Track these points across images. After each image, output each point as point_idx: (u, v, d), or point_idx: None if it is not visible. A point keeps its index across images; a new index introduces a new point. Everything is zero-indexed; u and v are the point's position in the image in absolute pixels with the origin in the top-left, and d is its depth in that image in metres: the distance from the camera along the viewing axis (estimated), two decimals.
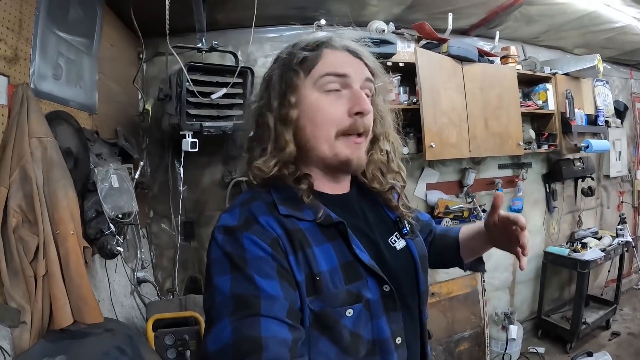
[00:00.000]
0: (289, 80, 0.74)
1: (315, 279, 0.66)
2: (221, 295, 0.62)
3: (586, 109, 3.22)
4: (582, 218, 3.55)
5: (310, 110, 0.73)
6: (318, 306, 0.65)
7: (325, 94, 0.73)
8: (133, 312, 2.16)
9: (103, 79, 2.04)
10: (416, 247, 0.82)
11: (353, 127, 0.73)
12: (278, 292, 0.61)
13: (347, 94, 0.74)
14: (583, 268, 2.92)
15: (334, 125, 0.73)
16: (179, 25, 2.23)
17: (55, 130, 1.48)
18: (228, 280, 0.62)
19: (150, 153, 2.48)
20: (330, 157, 0.74)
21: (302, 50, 0.75)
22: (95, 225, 1.71)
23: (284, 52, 0.79)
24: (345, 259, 0.70)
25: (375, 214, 0.83)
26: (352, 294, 0.67)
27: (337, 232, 0.71)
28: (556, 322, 3.15)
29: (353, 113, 0.73)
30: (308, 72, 0.74)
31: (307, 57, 0.74)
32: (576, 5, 2.56)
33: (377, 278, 0.71)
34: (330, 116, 0.73)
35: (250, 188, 0.80)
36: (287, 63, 0.76)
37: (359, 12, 2.50)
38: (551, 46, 3.40)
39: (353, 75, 0.74)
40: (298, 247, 0.67)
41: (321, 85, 0.73)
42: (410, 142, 2.46)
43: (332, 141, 0.73)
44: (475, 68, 2.57)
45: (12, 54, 1.34)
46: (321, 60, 0.74)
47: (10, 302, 1.19)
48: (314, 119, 0.73)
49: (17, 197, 1.24)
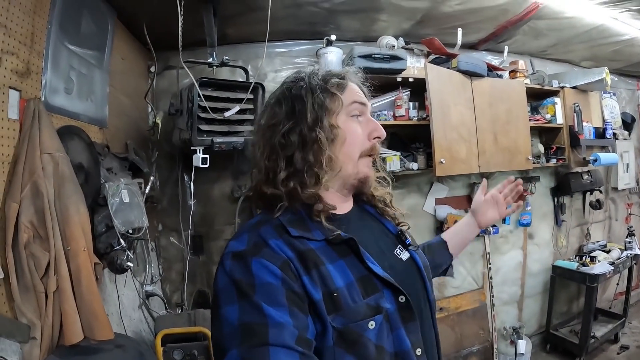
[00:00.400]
0: (328, 103, 0.79)
1: (333, 295, 0.66)
2: (229, 326, 0.62)
3: (594, 121, 3.21)
4: (590, 231, 3.52)
5: (343, 133, 0.79)
6: (340, 322, 0.65)
7: (351, 118, 0.81)
8: (141, 325, 2.16)
9: (114, 93, 2.05)
10: (420, 257, 0.86)
11: (373, 149, 0.83)
12: (287, 319, 0.61)
13: (364, 120, 0.83)
14: (592, 282, 2.90)
15: (359, 147, 0.81)
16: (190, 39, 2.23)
17: (67, 144, 1.48)
18: (235, 310, 0.62)
19: (159, 167, 2.49)
20: (352, 175, 0.80)
21: (335, 77, 0.82)
22: (105, 240, 1.71)
23: (310, 77, 0.82)
24: (360, 274, 0.71)
25: (378, 228, 0.87)
26: (371, 306, 0.68)
27: (349, 249, 0.73)
28: (565, 336, 3.12)
29: (372, 137, 0.82)
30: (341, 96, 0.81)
31: (339, 84, 0.81)
32: (584, 19, 2.57)
33: (392, 289, 0.72)
34: (357, 138, 0.81)
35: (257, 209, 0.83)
36: (322, 86, 0.80)
37: (368, 28, 2.51)
38: (559, 59, 3.40)
39: (368, 106, 0.86)
40: (312, 267, 0.67)
41: (349, 111, 0.81)
42: (420, 158, 2.46)
43: (356, 161, 0.80)
44: (484, 83, 2.58)
45: (24, 68, 1.34)
46: (347, 88, 0.83)
47: (21, 318, 1.19)
48: (345, 141, 0.79)
49: (29, 213, 1.24)
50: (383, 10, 2.29)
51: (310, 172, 0.75)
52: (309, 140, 0.76)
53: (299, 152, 0.76)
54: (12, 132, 1.28)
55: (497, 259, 3.02)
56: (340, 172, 0.79)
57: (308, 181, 0.75)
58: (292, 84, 0.82)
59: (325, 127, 0.77)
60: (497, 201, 1.18)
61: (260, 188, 0.79)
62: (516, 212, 1.25)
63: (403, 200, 2.77)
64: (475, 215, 1.18)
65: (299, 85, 0.81)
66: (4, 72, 1.25)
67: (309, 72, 0.83)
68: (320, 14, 2.27)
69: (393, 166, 2.35)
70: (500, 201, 1.19)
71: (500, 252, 3.07)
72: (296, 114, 0.78)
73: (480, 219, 1.17)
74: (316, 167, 0.75)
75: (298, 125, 0.77)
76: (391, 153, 2.41)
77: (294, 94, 0.80)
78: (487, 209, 1.17)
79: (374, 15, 2.35)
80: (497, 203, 1.18)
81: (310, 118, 0.77)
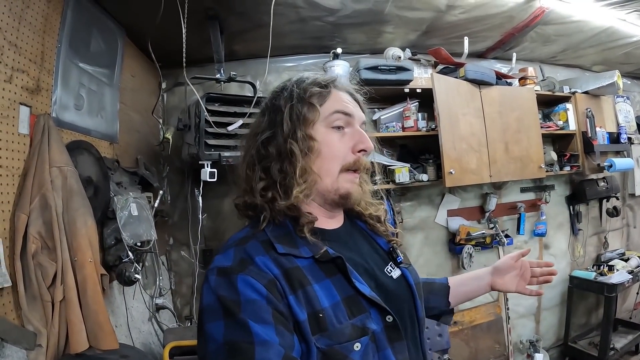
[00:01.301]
0: (305, 113, 0.76)
1: (318, 316, 0.65)
2: (214, 343, 0.61)
3: (608, 126, 3.14)
4: (608, 239, 3.43)
5: (321, 145, 0.76)
6: (325, 343, 0.64)
7: (332, 130, 0.77)
8: (151, 338, 2.16)
9: (124, 109, 2.09)
10: (411, 274, 0.83)
11: (357, 164, 0.77)
12: (273, 337, 0.60)
13: (349, 132, 0.78)
14: (610, 292, 2.82)
15: (339, 161, 0.76)
16: (198, 56, 2.29)
17: (76, 159, 1.51)
18: (221, 327, 0.61)
19: (170, 181, 2.51)
20: (331, 191, 0.76)
21: (314, 85, 0.79)
22: (114, 252, 1.73)
23: (293, 85, 0.80)
24: (347, 293, 0.69)
25: (369, 245, 0.84)
26: (357, 327, 0.66)
27: (336, 267, 0.71)
28: (583, 349, 3.03)
29: (357, 150, 0.77)
30: (320, 106, 0.77)
31: (320, 93, 0.78)
32: (592, 23, 2.53)
33: (379, 309, 0.70)
34: (337, 151, 0.76)
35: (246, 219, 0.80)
36: (300, 96, 0.77)
37: (375, 40, 2.52)
38: (569, 65, 3.36)
39: (356, 116, 0.80)
40: (298, 286, 0.66)
41: (330, 122, 0.77)
42: (429, 169, 2.43)
43: (336, 176, 0.76)
44: (494, 91, 2.55)
45: (34, 85, 1.39)
46: (330, 98, 0.79)
47: (28, 326, 1.22)
48: (322, 153, 0.75)
49: (37, 224, 1.27)
50: (388, 22, 2.29)
51: (284, 183, 0.74)
52: (284, 151, 0.74)
53: (275, 163, 0.75)
54: (23, 146, 1.32)
55: None
56: (317, 186, 0.75)
57: (282, 193, 0.74)
58: (276, 94, 0.82)
59: (299, 139, 0.74)
60: (523, 273, 1.03)
61: (242, 196, 0.78)
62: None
63: (414, 213, 2.74)
64: (494, 275, 1.04)
65: (282, 94, 0.80)
66: (14, 89, 1.29)
67: (294, 80, 0.82)
68: (325, 27, 2.28)
69: (402, 178, 2.33)
70: (527, 275, 1.03)
71: None
72: (275, 124, 0.77)
73: (497, 280, 1.03)
74: (289, 178, 0.74)
75: (275, 136, 0.76)
76: (401, 165, 2.40)
77: (274, 104, 0.80)
78: (510, 274, 1.03)
79: (379, 27, 2.36)
80: (523, 275, 1.03)
81: (286, 128, 0.75)
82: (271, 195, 0.74)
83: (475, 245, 2.67)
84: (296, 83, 0.80)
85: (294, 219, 0.74)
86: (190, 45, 1.84)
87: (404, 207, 2.71)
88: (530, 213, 3.01)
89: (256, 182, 0.76)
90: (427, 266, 2.75)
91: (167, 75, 2.49)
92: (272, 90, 0.85)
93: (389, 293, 0.75)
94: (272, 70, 2.55)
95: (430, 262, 2.77)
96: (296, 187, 0.73)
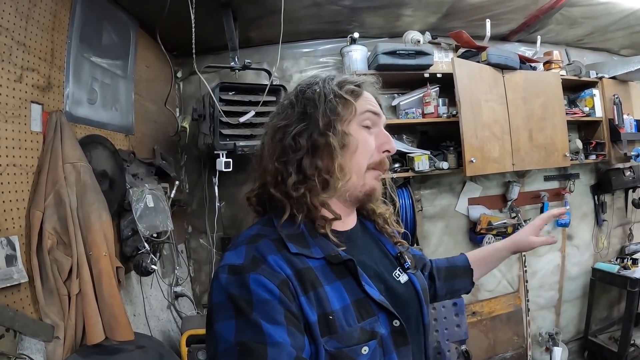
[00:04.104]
0: (341, 109, 0.76)
1: (328, 318, 0.65)
2: (225, 343, 0.60)
3: (636, 114, 3.01)
4: (633, 231, 3.31)
5: (354, 140, 0.76)
6: (333, 346, 0.64)
7: (362, 128, 0.78)
8: (169, 325, 2.20)
9: (139, 100, 2.08)
10: (418, 280, 0.83)
11: (382, 163, 0.79)
12: (285, 338, 0.59)
13: (375, 132, 0.80)
14: (633, 286, 2.73)
15: (367, 158, 0.77)
16: (213, 43, 2.25)
17: (90, 153, 1.52)
18: (232, 326, 0.60)
19: (188, 170, 2.52)
20: (358, 187, 0.77)
21: (349, 83, 0.79)
22: (131, 244, 1.76)
23: (325, 82, 0.79)
24: (357, 296, 0.69)
25: (378, 249, 0.85)
26: (366, 331, 0.67)
27: (346, 270, 0.71)
28: (603, 344, 2.95)
29: (382, 150, 0.79)
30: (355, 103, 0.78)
31: (354, 91, 0.78)
32: (621, 5, 2.42)
33: (387, 314, 0.71)
34: (368, 148, 0.77)
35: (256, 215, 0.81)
36: (336, 92, 0.77)
37: (393, 24, 2.45)
38: (596, 48, 3.21)
39: (382, 117, 0.82)
40: (309, 287, 0.66)
41: (361, 120, 0.78)
42: (450, 157, 2.37)
43: (363, 173, 0.77)
44: (517, 76, 2.45)
45: (45, 83, 1.39)
46: (362, 97, 0.79)
47: (45, 319, 1.26)
48: (356, 149, 0.76)
49: (52, 220, 1.30)
50: (407, 4, 2.22)
51: (320, 178, 0.73)
52: (320, 145, 0.73)
53: (309, 157, 0.74)
54: (36, 144, 1.34)
55: (533, 262, 2.89)
56: (342, 183, 0.74)
57: (318, 187, 0.73)
58: (306, 87, 0.80)
59: (337, 133, 0.74)
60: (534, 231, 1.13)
61: (267, 190, 0.76)
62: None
63: (435, 201, 2.69)
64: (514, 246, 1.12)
65: (313, 88, 0.78)
66: (25, 88, 1.30)
67: (325, 76, 0.81)
68: (342, 12, 2.23)
69: (422, 166, 2.28)
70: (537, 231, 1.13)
71: (537, 254, 2.92)
72: (308, 117, 0.75)
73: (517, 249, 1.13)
74: (325, 173, 0.73)
75: (309, 129, 0.74)
76: (420, 152, 2.34)
77: (307, 96, 0.77)
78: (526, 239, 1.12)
79: (398, 10, 2.29)
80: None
81: (322, 122, 0.74)
82: (302, 190, 0.73)
83: (497, 235, 2.60)
84: (328, 79, 0.80)
85: (310, 220, 0.74)
86: (204, 33, 1.81)
87: (423, 194, 2.66)
88: (554, 202, 2.92)
89: (288, 176, 0.74)
90: (447, 255, 2.64)
91: (183, 64, 2.48)
92: (299, 84, 0.83)
93: (397, 298, 0.75)
94: (289, 56, 2.51)
95: (450, 251, 2.72)
96: (334, 182, 0.73)
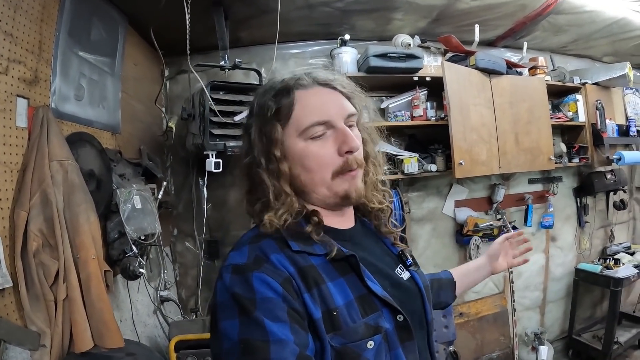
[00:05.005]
0: (269, 133, 0.73)
1: (332, 314, 0.65)
2: (229, 342, 0.61)
3: (617, 119, 3.09)
4: (614, 232, 3.41)
5: (300, 160, 0.73)
6: (339, 342, 0.64)
7: (311, 140, 0.73)
8: (156, 331, 2.15)
9: (126, 99, 2.04)
10: (420, 278, 0.83)
11: (346, 166, 0.73)
12: (288, 336, 0.59)
13: (332, 134, 0.73)
14: (616, 286, 2.80)
15: (328, 168, 0.73)
16: (202, 43, 2.22)
17: (78, 152, 1.47)
18: (236, 325, 0.61)
19: (174, 171, 2.48)
20: (330, 197, 0.75)
21: (273, 99, 0.74)
22: (118, 246, 1.71)
23: (255, 103, 0.78)
24: (360, 292, 0.69)
25: (379, 247, 0.85)
26: (370, 326, 0.67)
27: (349, 266, 0.71)
28: (587, 342, 3.02)
29: (343, 152, 0.73)
30: (286, 121, 0.73)
31: (280, 108, 0.73)
32: (605, 13, 2.49)
33: (391, 309, 0.71)
34: (322, 161, 0.72)
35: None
36: (262, 115, 0.74)
37: (383, 27, 2.47)
38: (580, 55, 3.29)
39: (335, 116, 0.73)
40: (313, 284, 0.66)
41: (308, 135, 0.72)
42: (438, 159, 2.39)
43: (329, 182, 0.73)
44: (504, 81, 2.49)
45: (31, 76, 1.34)
46: (297, 106, 0.73)
47: (31, 326, 1.20)
48: (306, 167, 0.73)
49: (38, 221, 1.24)
50: (398, 8, 2.24)
51: (284, 205, 0.73)
52: (270, 175, 0.73)
53: (269, 187, 0.73)
54: (21, 140, 1.28)
55: None
56: (315, 195, 0.75)
57: (287, 212, 0.72)
58: (249, 111, 0.81)
59: (265, 164, 0.73)
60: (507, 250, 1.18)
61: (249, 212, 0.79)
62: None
63: (422, 203, 2.71)
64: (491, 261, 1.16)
65: (252, 111, 0.79)
66: (11, 81, 1.25)
67: (260, 91, 0.78)
68: (333, 14, 2.23)
69: (411, 168, 2.29)
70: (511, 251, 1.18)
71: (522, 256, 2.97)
72: (250, 148, 0.76)
73: (495, 265, 1.16)
74: (287, 199, 0.73)
75: (255, 161, 0.75)
76: (409, 155, 2.36)
77: (247, 124, 0.79)
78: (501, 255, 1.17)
79: (388, 14, 2.31)
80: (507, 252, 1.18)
81: (256, 154, 0.74)
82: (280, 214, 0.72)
83: (483, 237, 2.65)
84: (259, 95, 0.77)
85: (307, 217, 0.74)
86: (194, 32, 1.79)
87: (411, 197, 2.68)
88: (538, 205, 2.98)
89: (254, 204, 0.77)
90: (435, 258, 2.73)
91: (170, 64, 2.44)
92: (251, 102, 0.81)
93: (400, 294, 0.75)
94: (278, 57, 2.47)
95: (437, 254, 2.74)
96: (269, 212, 0.71)
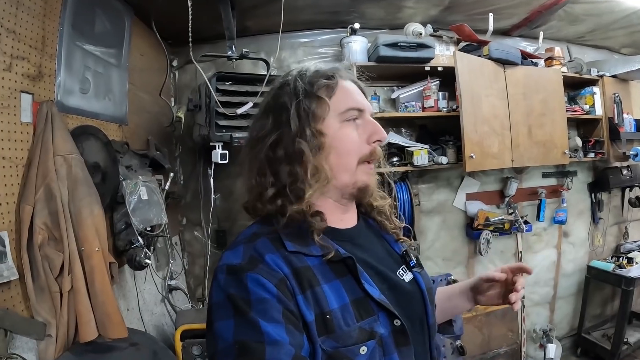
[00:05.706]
0: (314, 109, 0.73)
1: (326, 317, 0.64)
2: (224, 342, 0.60)
3: (635, 113, 3.00)
4: (628, 230, 3.33)
5: (333, 139, 0.73)
6: (331, 346, 0.63)
7: (345, 123, 0.74)
8: (163, 319, 2.17)
9: (133, 90, 2.03)
10: (423, 279, 0.81)
11: (373, 155, 0.76)
12: (284, 336, 0.59)
13: (362, 123, 0.76)
14: (628, 285, 2.75)
15: (356, 154, 0.74)
16: (210, 32, 2.20)
17: (82, 145, 1.48)
18: (231, 326, 0.60)
19: (183, 161, 2.48)
20: (350, 185, 0.75)
21: (320, 77, 0.75)
22: (125, 237, 1.72)
23: (296, 80, 0.76)
24: (356, 295, 0.68)
25: (382, 247, 0.83)
26: (364, 331, 0.66)
27: (346, 268, 0.70)
28: (596, 341, 2.98)
29: (372, 141, 0.75)
30: (329, 99, 0.74)
31: (328, 85, 0.74)
32: (623, 3, 2.41)
33: (388, 313, 0.69)
34: (353, 145, 0.74)
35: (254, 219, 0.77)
36: (307, 90, 0.74)
37: (394, 15, 2.41)
38: (597, 46, 3.19)
39: (367, 108, 0.78)
40: (307, 286, 0.65)
41: (342, 117, 0.74)
42: (449, 151, 2.35)
43: (354, 169, 0.74)
44: (518, 72, 2.43)
45: (35, 72, 1.34)
46: (338, 89, 0.75)
47: (37, 317, 1.23)
48: (338, 149, 0.73)
49: (43, 215, 1.26)
50: None
51: (294, 186, 0.71)
52: (293, 152, 0.71)
53: (284, 166, 0.72)
54: (26, 135, 1.29)
55: (529, 258, 2.89)
56: (335, 183, 0.73)
57: (293, 197, 0.70)
58: (278, 91, 0.77)
59: (308, 136, 0.71)
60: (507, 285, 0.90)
61: (253, 205, 0.76)
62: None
63: (432, 195, 2.68)
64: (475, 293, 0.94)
65: (284, 91, 0.76)
66: (15, 77, 1.25)
67: (296, 74, 0.77)
68: (342, 2, 2.19)
69: (421, 160, 2.26)
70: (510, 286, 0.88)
71: (533, 250, 2.93)
72: (281, 124, 0.73)
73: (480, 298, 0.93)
74: (300, 181, 0.70)
75: (283, 137, 0.72)
76: (419, 146, 2.32)
77: (279, 102, 0.75)
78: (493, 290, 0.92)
79: (399, 2, 2.26)
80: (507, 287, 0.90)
81: (294, 127, 0.71)
82: (281, 202, 0.71)
83: (494, 231, 2.60)
84: (299, 76, 0.76)
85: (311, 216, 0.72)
86: (200, 21, 1.76)
87: (421, 189, 2.64)
88: (551, 199, 2.92)
89: (267, 189, 0.73)
90: (443, 251, 2.70)
91: (179, 53, 2.42)
92: (271, 88, 0.80)
93: (400, 297, 0.73)
94: (287, 47, 2.46)
95: (446, 247, 2.71)
96: (308, 190, 0.70)
